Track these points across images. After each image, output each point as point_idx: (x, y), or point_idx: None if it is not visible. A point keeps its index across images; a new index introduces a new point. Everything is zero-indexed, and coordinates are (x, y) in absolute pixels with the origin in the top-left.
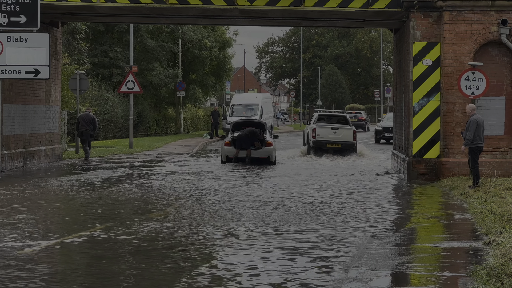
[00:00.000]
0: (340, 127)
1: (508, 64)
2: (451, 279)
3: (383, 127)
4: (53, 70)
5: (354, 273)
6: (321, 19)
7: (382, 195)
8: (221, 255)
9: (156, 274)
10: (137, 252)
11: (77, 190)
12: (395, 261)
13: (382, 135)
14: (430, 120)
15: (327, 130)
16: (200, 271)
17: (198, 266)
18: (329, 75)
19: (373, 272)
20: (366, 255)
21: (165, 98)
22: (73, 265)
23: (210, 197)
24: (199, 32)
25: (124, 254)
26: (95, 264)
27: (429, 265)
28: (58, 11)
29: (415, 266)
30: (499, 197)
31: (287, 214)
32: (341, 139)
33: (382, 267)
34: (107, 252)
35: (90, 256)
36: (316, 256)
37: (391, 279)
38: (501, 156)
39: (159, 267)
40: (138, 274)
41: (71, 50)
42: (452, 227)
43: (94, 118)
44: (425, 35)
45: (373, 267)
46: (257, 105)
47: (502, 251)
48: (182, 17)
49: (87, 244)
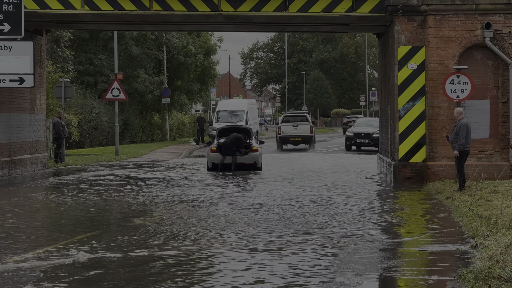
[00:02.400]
0: (300, 124)
1: (492, 67)
2: (438, 283)
3: (355, 133)
4: (37, 78)
5: (342, 278)
6: (305, 24)
7: (368, 199)
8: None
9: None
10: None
11: (56, 199)
12: (383, 265)
13: (353, 141)
14: (416, 124)
15: (289, 127)
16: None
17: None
18: (315, 80)
19: (361, 276)
20: (354, 259)
21: (150, 105)
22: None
23: (196, 204)
24: (184, 38)
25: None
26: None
27: (416, 269)
28: (42, 19)
29: (403, 270)
30: (485, 200)
31: (274, 218)
32: (301, 134)
33: (370, 272)
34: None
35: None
36: (303, 260)
37: (379, 284)
38: (486, 159)
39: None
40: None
41: (55, 58)
42: (438, 231)
43: (54, 122)
44: (409, 39)
45: (360, 272)
46: (243, 111)
47: (489, 254)
48: (166, 24)
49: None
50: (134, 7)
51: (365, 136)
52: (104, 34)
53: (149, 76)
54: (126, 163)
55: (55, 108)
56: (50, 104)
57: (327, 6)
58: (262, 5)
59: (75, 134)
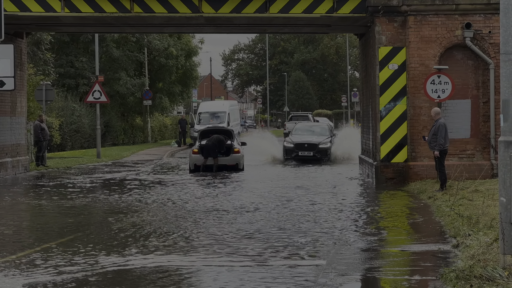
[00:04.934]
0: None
1: (473, 67)
2: (421, 283)
3: (296, 144)
4: (18, 81)
5: (324, 279)
6: (286, 25)
7: (350, 200)
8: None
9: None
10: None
11: (35, 202)
12: (365, 265)
13: (294, 154)
14: (397, 124)
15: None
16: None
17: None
18: (296, 81)
19: (344, 277)
20: (336, 260)
21: (132, 107)
22: None
23: (177, 206)
24: (165, 40)
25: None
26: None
27: (399, 269)
28: (22, 21)
29: (385, 270)
30: (466, 199)
31: (255, 221)
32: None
33: (353, 272)
34: None
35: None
36: (285, 262)
37: (361, 284)
38: (467, 159)
39: None
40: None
41: (36, 61)
42: (420, 231)
43: (34, 125)
44: (390, 39)
45: (343, 272)
46: (224, 112)
47: (471, 253)
48: (147, 26)
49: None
50: (115, 9)
51: (310, 147)
52: (84, 37)
53: (130, 78)
54: (107, 165)
55: (36, 111)
56: (31, 107)
57: (308, 7)
58: (243, 7)
59: (56, 137)
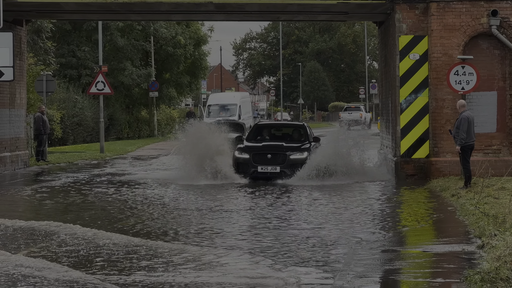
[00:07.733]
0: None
1: (499, 57)
2: (444, 285)
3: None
4: (17, 72)
5: (341, 281)
6: (301, 12)
7: (370, 197)
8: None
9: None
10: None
11: (36, 199)
12: (385, 267)
13: (253, 170)
14: (419, 118)
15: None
16: None
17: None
18: (311, 72)
19: (362, 279)
20: (354, 261)
21: (137, 99)
22: None
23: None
24: (173, 28)
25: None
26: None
27: (420, 271)
28: (22, 8)
29: (406, 272)
30: (492, 197)
31: (269, 217)
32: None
33: (371, 274)
34: None
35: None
36: (302, 261)
37: (380, 287)
38: (493, 154)
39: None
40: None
41: (36, 50)
42: (443, 231)
43: (36, 117)
44: (411, 27)
45: (361, 274)
46: (235, 105)
47: (497, 254)
48: (153, 13)
49: None
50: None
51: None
52: (87, 25)
53: (136, 68)
54: (110, 161)
55: (36, 103)
56: (31, 98)
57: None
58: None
59: (57, 131)
